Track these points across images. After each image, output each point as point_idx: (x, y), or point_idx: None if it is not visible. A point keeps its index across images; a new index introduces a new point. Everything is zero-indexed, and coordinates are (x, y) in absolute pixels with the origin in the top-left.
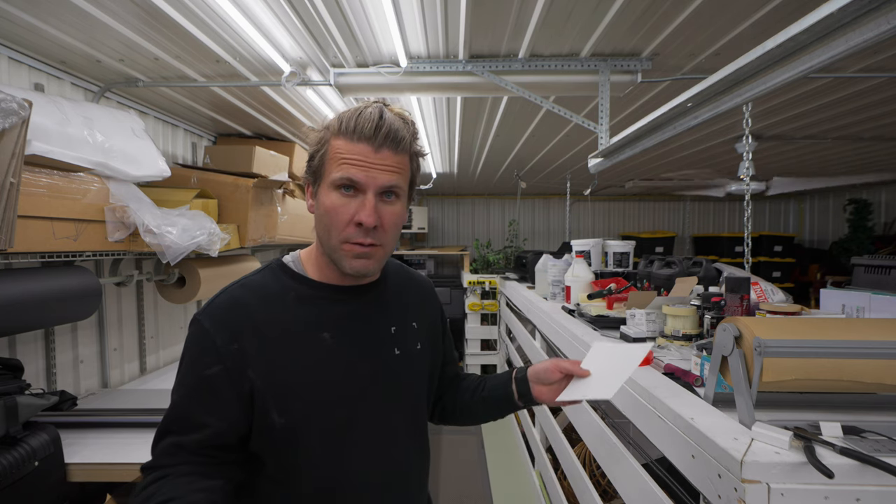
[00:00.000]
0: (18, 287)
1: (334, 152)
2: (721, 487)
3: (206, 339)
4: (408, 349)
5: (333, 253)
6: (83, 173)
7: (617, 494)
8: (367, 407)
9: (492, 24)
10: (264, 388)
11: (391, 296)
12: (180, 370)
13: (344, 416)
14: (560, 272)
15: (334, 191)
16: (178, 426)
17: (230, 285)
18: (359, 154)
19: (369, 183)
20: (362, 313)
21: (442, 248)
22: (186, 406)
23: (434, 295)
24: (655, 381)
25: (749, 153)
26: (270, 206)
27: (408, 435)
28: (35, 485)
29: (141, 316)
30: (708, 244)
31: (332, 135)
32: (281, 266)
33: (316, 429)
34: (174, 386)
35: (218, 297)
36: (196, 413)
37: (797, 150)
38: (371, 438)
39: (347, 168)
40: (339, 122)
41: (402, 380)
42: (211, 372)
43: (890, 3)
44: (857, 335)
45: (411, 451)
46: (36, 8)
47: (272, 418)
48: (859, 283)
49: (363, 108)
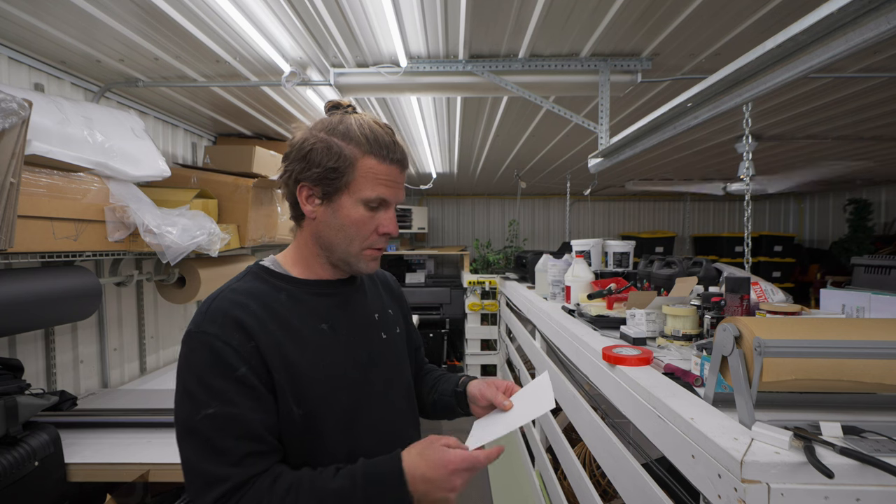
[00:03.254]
0: (18, 287)
1: (367, 172)
2: (721, 487)
3: (219, 346)
4: (391, 333)
5: (351, 257)
6: (83, 173)
7: (617, 494)
8: (371, 390)
9: (492, 24)
10: (282, 382)
11: (367, 287)
12: (194, 390)
13: (353, 401)
14: (560, 272)
15: (361, 206)
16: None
17: (219, 292)
18: (389, 175)
19: (394, 200)
20: (349, 303)
21: (442, 248)
22: (230, 413)
23: (397, 284)
24: (655, 381)
25: (749, 153)
26: (270, 206)
27: (407, 412)
28: (35, 485)
29: (141, 316)
30: (708, 244)
31: (364, 154)
32: (263, 269)
33: (330, 414)
34: (193, 407)
35: (212, 305)
36: (243, 414)
37: (797, 150)
38: (378, 419)
39: (382, 189)
40: (366, 142)
41: (393, 362)
42: (240, 373)
43: (890, 3)
44: (857, 335)
45: (410, 428)
46: (36, 8)
47: (292, 409)
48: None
49: (374, 127)
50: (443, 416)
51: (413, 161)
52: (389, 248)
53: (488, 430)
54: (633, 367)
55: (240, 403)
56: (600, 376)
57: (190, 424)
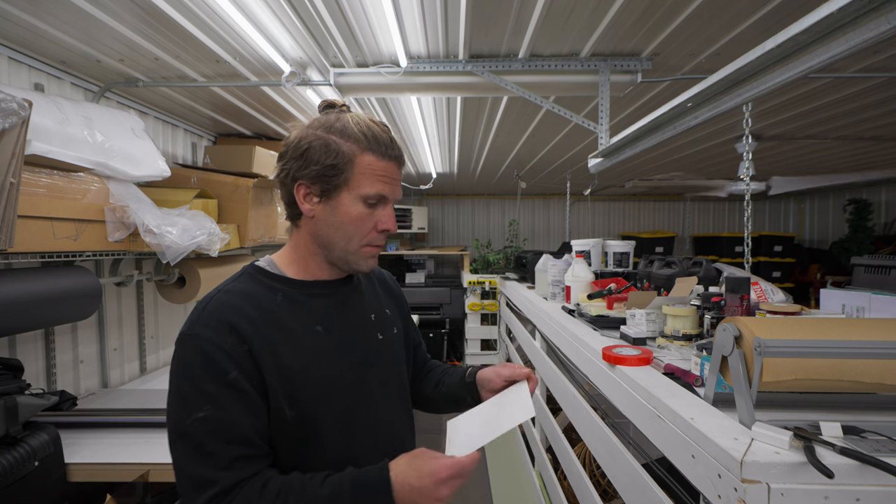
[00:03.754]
0: (18, 287)
1: (366, 168)
2: (721, 487)
3: (211, 350)
4: (388, 334)
5: (350, 255)
6: (83, 173)
7: (617, 494)
8: (367, 391)
9: (492, 24)
10: (275, 384)
11: (363, 287)
12: (187, 393)
13: (348, 402)
14: (560, 272)
15: (360, 202)
16: (219, 440)
17: (213, 294)
18: (387, 171)
19: (392, 197)
20: (345, 304)
21: (442, 248)
22: (220, 418)
23: (396, 284)
24: (655, 381)
25: (749, 153)
26: (270, 206)
27: (403, 414)
28: (35, 485)
29: (141, 316)
30: (708, 244)
31: (362, 151)
32: (257, 270)
33: (326, 416)
34: (185, 410)
35: (206, 308)
36: (233, 418)
37: (797, 149)
38: (374, 420)
39: (382, 186)
40: (364, 139)
41: (389, 363)
42: (231, 377)
43: (890, 3)
44: (857, 335)
45: (406, 429)
46: (36, 8)
47: (284, 412)
48: (859, 283)
49: (371, 125)
50: (451, 409)
51: (413, 161)
52: (389, 247)
53: (471, 436)
54: (633, 367)
55: (230, 408)
56: (600, 376)
57: (181, 427)
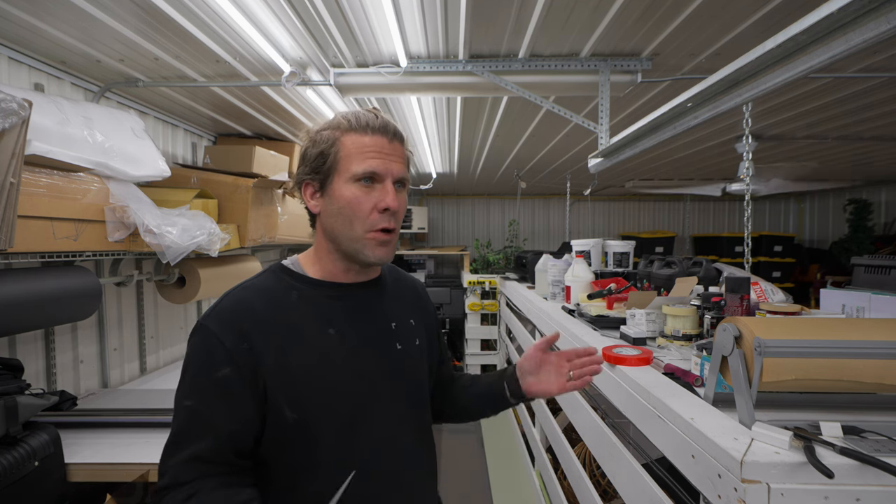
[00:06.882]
0: (18, 287)
1: (351, 147)
2: (721, 487)
3: (214, 343)
4: (408, 345)
5: (356, 243)
6: (83, 173)
7: (617, 494)
8: (376, 401)
9: (492, 24)
10: (276, 386)
11: (389, 293)
12: (185, 379)
13: (353, 410)
14: (560, 272)
15: (353, 184)
16: (192, 435)
17: (233, 289)
18: (375, 146)
19: (387, 173)
20: (364, 309)
21: (442, 248)
22: (200, 412)
23: (427, 295)
24: (655, 381)
25: (749, 153)
26: (270, 206)
27: (414, 429)
28: (35, 485)
29: (141, 316)
30: (708, 244)
31: (344, 132)
32: (281, 268)
33: (327, 423)
34: (180, 396)
35: (221, 301)
36: (211, 417)
37: (797, 150)
38: (380, 432)
39: (369, 161)
40: (346, 121)
41: (405, 374)
42: (222, 374)
43: (890, 3)
44: (857, 335)
45: (420, 446)
46: (36, 8)
47: (284, 414)
48: (859, 283)
49: (357, 111)
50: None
51: (413, 161)
52: None
53: None
54: (633, 367)
55: (212, 405)
56: (600, 376)
57: (176, 405)
